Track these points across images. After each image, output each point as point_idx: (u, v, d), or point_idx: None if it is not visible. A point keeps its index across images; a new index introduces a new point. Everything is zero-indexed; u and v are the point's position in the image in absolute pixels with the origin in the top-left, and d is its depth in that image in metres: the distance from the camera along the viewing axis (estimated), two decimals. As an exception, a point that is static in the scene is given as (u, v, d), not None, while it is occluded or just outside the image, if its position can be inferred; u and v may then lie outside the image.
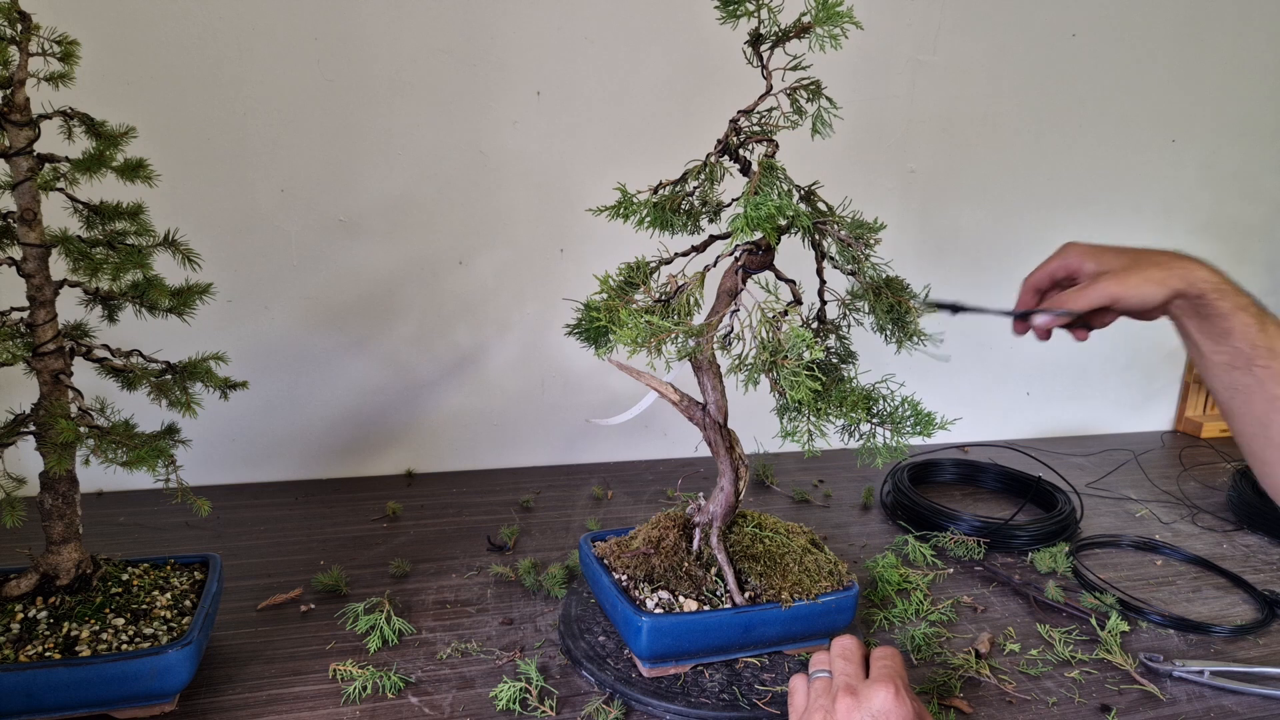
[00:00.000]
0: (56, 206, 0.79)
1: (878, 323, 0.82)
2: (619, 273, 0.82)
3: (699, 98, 1.38)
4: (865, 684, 0.62)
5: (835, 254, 0.81)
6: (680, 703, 0.81)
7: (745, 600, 0.85)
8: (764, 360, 0.71)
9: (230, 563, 1.04)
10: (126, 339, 0.84)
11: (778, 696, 0.83)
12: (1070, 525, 1.27)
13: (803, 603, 0.85)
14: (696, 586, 0.87)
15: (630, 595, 0.85)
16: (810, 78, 0.82)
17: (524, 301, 1.41)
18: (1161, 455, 1.67)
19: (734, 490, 0.89)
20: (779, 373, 0.70)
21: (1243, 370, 0.76)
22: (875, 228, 0.78)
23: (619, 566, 0.90)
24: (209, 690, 0.82)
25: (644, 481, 1.44)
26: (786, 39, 0.78)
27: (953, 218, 1.61)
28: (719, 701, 0.82)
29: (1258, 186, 1.80)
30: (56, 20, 0.75)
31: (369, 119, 1.27)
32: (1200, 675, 0.90)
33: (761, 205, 0.70)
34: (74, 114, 0.76)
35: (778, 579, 0.87)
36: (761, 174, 0.76)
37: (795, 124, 0.83)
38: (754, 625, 0.84)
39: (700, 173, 0.84)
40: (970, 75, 1.53)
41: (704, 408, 0.88)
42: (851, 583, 0.89)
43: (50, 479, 0.79)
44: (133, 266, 0.78)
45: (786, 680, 0.85)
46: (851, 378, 0.82)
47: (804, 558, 0.90)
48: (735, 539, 0.92)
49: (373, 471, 1.42)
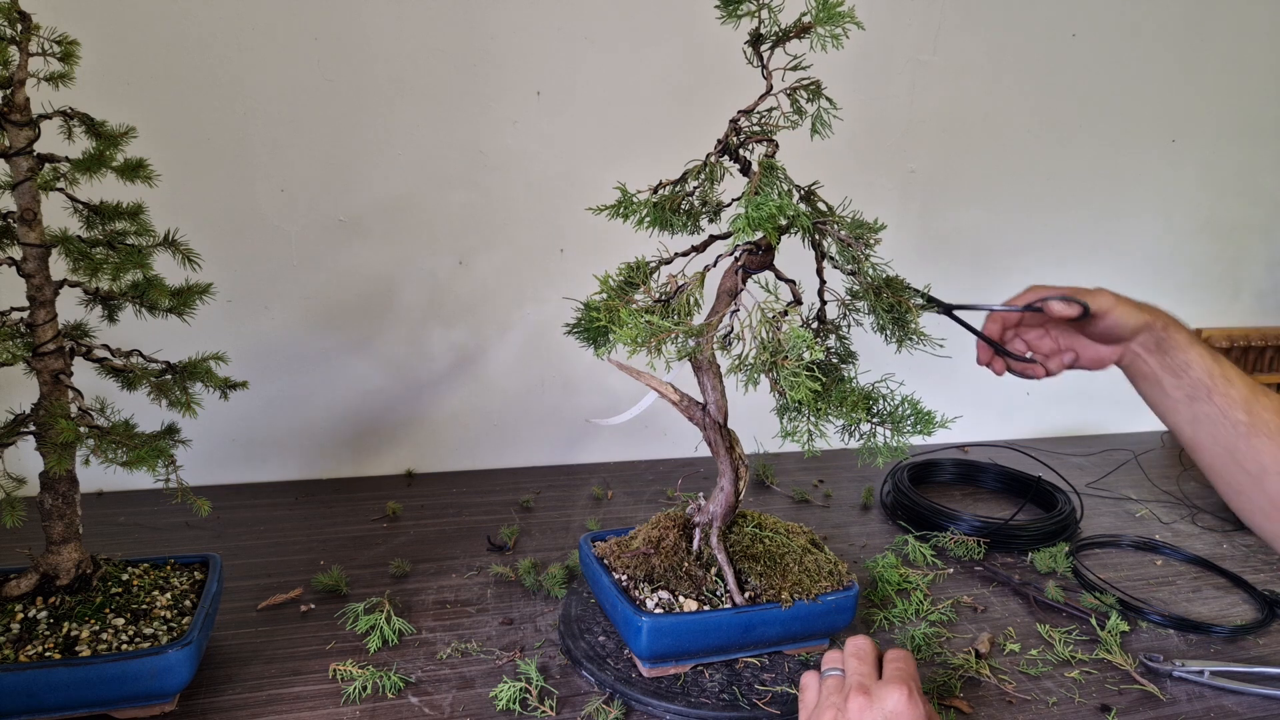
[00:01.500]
0: (56, 206, 0.79)
1: (878, 323, 0.82)
2: (619, 273, 0.82)
3: (699, 98, 1.38)
4: (879, 685, 0.62)
5: (835, 254, 0.81)
6: (680, 703, 0.81)
7: (745, 600, 0.85)
8: (764, 360, 0.71)
9: (230, 563, 1.04)
10: (126, 339, 0.84)
11: (778, 696, 0.83)
12: (1070, 525, 1.27)
13: (803, 603, 0.85)
14: (696, 586, 0.87)
15: (630, 595, 0.85)
16: (810, 78, 0.82)
17: (524, 301, 1.41)
18: (1161, 455, 1.67)
19: (734, 490, 0.89)
20: (779, 373, 0.70)
21: (1204, 400, 0.79)
22: (875, 228, 0.78)
23: (619, 566, 0.90)
24: (209, 690, 0.82)
25: (644, 481, 1.44)
26: (787, 39, 0.78)
27: (953, 218, 1.61)
28: (719, 702, 0.82)
29: (1258, 186, 1.80)
30: (56, 20, 0.75)
31: (369, 119, 1.27)
32: (1200, 675, 0.90)
33: (762, 205, 0.70)
34: (74, 114, 0.76)
35: (778, 579, 0.87)
36: (762, 174, 0.76)
37: (795, 124, 0.83)
38: (754, 625, 0.84)
39: (700, 173, 0.84)
40: (970, 75, 1.53)
41: (704, 408, 0.88)
42: (851, 583, 0.89)
43: (50, 479, 0.79)
44: (133, 266, 0.78)
45: (786, 680, 0.85)
46: (851, 378, 0.82)
47: (804, 558, 0.90)
48: (735, 539, 0.92)
49: (373, 471, 1.42)
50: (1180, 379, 0.80)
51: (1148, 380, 0.83)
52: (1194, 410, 0.79)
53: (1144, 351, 0.82)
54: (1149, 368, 0.82)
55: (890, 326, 0.81)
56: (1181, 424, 0.82)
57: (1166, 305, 0.84)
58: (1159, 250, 1.77)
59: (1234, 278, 1.85)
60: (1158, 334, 0.81)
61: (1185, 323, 0.82)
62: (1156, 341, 0.81)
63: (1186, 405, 0.80)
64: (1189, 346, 0.80)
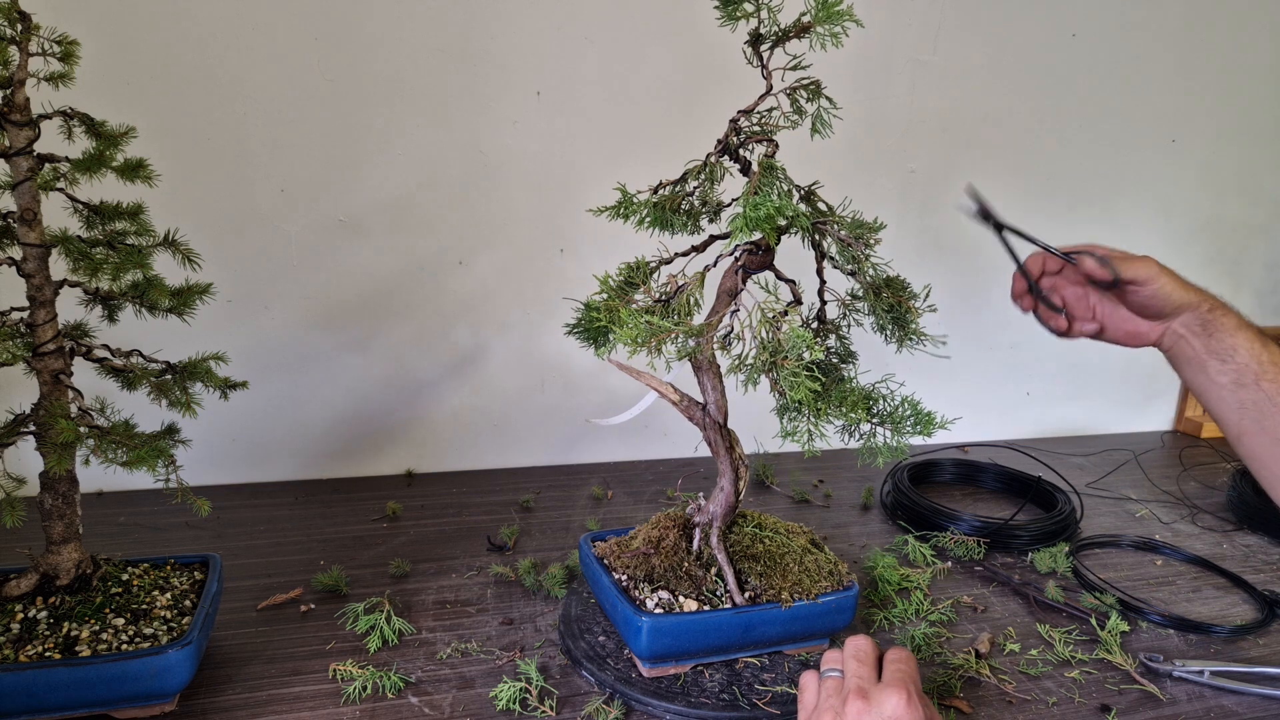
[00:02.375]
0: (56, 206, 0.79)
1: (878, 323, 0.82)
2: (619, 273, 0.82)
3: (699, 98, 1.38)
4: (877, 688, 0.61)
5: (835, 254, 0.81)
6: (680, 703, 0.81)
7: (745, 600, 0.85)
8: (764, 360, 0.71)
9: (230, 563, 1.04)
10: (126, 339, 0.84)
11: (778, 696, 0.83)
12: (1070, 525, 1.27)
13: (803, 603, 0.85)
14: (696, 586, 0.87)
15: (630, 595, 0.85)
16: (810, 78, 0.82)
17: (524, 301, 1.41)
18: (1161, 455, 1.67)
19: (734, 490, 0.89)
20: (779, 373, 0.70)
21: (1251, 387, 0.75)
22: (875, 227, 0.78)
23: (619, 566, 0.90)
24: (209, 690, 0.82)
25: (644, 481, 1.44)
26: (786, 39, 0.78)
27: (953, 218, 1.61)
28: (719, 701, 0.82)
29: (1258, 186, 1.80)
30: (56, 20, 0.75)
31: (369, 119, 1.27)
32: (1200, 675, 0.90)
33: (760, 205, 0.70)
34: (74, 114, 0.76)
35: (778, 579, 0.87)
36: (761, 174, 0.76)
37: (795, 124, 0.83)
38: (754, 625, 0.84)
39: (700, 173, 0.84)
40: (970, 75, 1.53)
41: (704, 408, 0.88)
42: (851, 583, 0.89)
43: (50, 479, 0.79)
44: (133, 266, 0.78)
45: (786, 680, 0.85)
46: (851, 378, 0.82)
47: (804, 558, 0.90)
48: (735, 539, 0.92)
49: (373, 471, 1.42)
50: (1226, 364, 0.76)
51: (1191, 364, 0.79)
52: (1240, 396, 0.76)
53: (1188, 333, 0.78)
54: (1193, 350, 0.78)
55: (890, 326, 0.81)
56: (1227, 411, 0.78)
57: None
58: (1159, 250, 1.75)
59: (1234, 278, 1.85)
60: (1203, 315, 0.77)
61: (1236, 308, 0.79)
62: (1202, 323, 0.77)
63: (1232, 391, 0.77)
64: (1237, 330, 0.76)
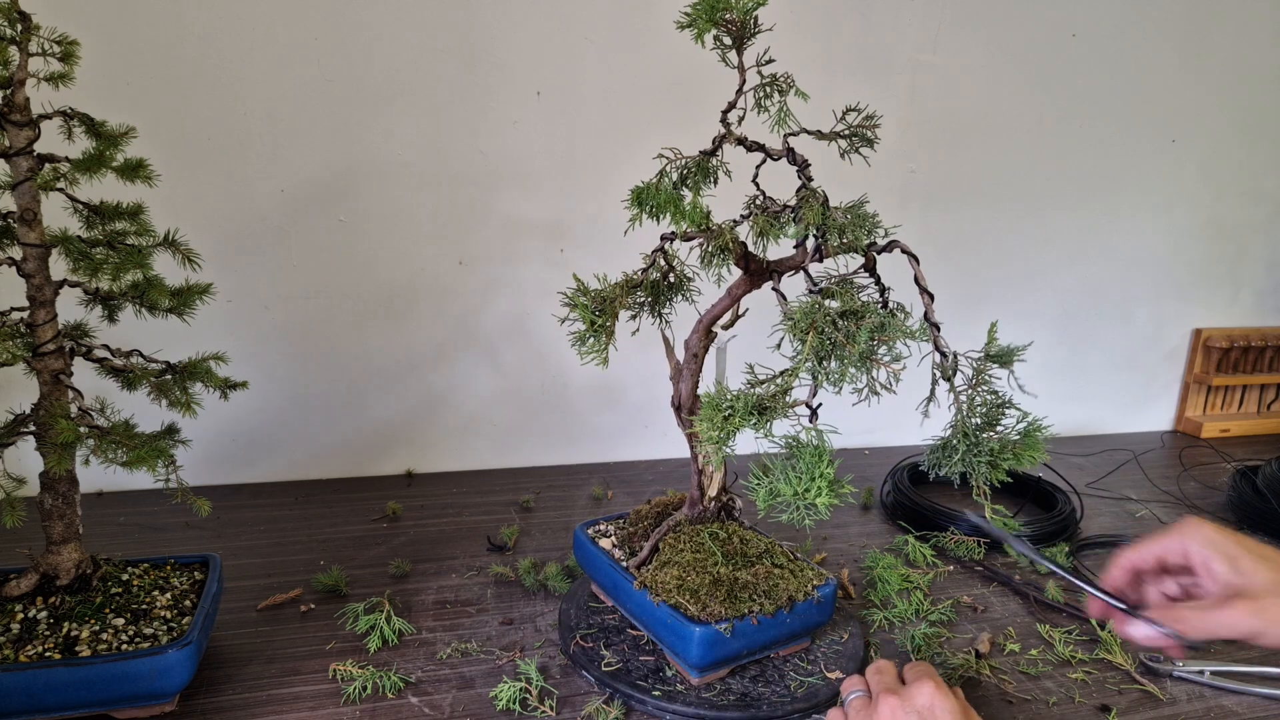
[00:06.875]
0: (56, 206, 0.79)
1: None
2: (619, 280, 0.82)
3: (699, 98, 1.38)
4: (905, 686, 0.63)
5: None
6: (680, 703, 0.81)
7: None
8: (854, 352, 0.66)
9: (230, 563, 1.04)
10: (126, 339, 0.84)
11: (778, 696, 0.83)
12: (1070, 525, 1.26)
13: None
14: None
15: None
16: (781, 73, 0.82)
17: (524, 301, 1.41)
18: (1161, 455, 1.67)
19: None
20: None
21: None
22: (875, 223, 0.78)
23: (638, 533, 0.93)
24: (209, 690, 0.82)
25: (644, 481, 1.44)
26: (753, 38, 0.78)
27: (953, 218, 1.61)
28: (719, 701, 0.82)
29: (1258, 186, 1.80)
30: (56, 20, 0.75)
31: (369, 119, 1.27)
32: (1200, 675, 0.90)
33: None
34: (74, 114, 0.76)
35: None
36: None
37: (779, 120, 0.83)
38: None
39: (700, 165, 0.84)
40: (970, 75, 1.53)
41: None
42: (829, 579, 0.89)
43: (50, 479, 0.79)
44: (133, 266, 0.78)
45: (785, 680, 0.85)
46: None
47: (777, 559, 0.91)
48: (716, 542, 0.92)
49: (373, 471, 1.42)
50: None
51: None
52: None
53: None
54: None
55: None
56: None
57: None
58: (1159, 250, 1.76)
59: (1234, 278, 1.85)
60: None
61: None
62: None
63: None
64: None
